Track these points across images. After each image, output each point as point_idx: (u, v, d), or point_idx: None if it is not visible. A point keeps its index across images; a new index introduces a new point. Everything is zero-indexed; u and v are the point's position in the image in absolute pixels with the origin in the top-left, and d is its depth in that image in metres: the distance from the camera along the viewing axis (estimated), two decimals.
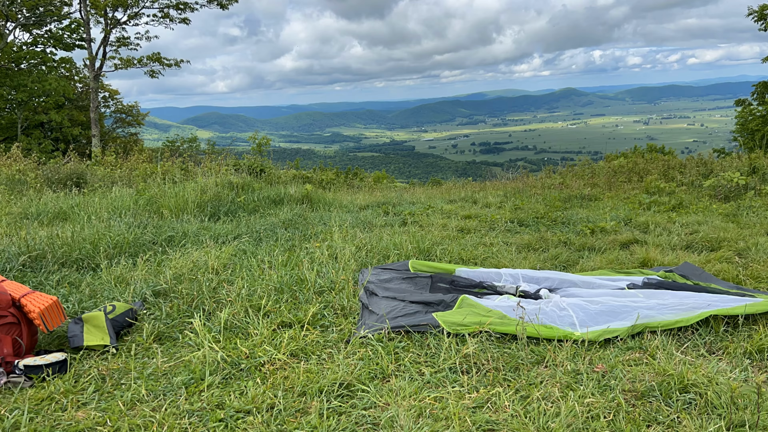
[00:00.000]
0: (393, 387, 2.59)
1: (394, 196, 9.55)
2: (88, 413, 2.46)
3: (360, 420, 2.35)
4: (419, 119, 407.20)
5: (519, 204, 7.94)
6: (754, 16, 20.07)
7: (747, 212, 6.82)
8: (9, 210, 6.92)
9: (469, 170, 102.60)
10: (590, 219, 6.80)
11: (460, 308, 3.47)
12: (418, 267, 4.47)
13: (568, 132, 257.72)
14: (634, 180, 10.34)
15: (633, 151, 16.21)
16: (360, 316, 3.47)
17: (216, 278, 4.22)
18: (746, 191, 8.04)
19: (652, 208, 7.43)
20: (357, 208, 8.17)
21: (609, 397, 2.44)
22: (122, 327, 3.36)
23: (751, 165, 9.25)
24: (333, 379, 2.60)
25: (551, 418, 2.29)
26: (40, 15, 22.52)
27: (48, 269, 4.51)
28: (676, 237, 5.63)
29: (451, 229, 6.39)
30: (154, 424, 2.34)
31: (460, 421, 2.28)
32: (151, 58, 24.08)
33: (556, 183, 10.31)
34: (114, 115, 30.57)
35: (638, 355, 2.86)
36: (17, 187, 8.96)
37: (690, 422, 2.20)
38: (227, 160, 10.80)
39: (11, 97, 23.80)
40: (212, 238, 5.69)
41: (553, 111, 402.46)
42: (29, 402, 2.54)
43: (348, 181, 14.61)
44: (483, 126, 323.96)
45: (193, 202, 7.24)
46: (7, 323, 2.91)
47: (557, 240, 5.75)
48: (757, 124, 20.83)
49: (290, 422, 2.34)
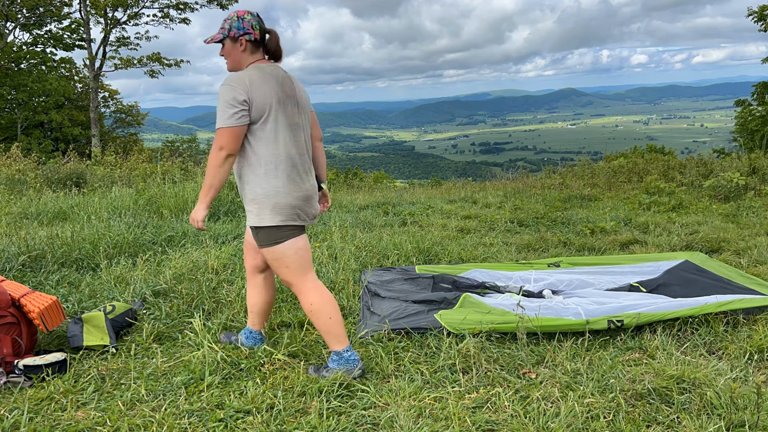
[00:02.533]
0: (393, 387, 2.59)
1: (394, 196, 9.55)
2: (88, 413, 2.46)
3: (360, 420, 2.35)
4: (419, 119, 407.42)
5: (519, 204, 7.94)
6: (754, 16, 20.08)
7: (747, 212, 6.82)
8: (9, 210, 6.92)
9: (468, 170, 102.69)
10: (590, 219, 6.80)
11: (462, 306, 3.48)
12: (425, 269, 4.47)
13: (568, 132, 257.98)
14: (634, 180, 10.34)
15: (633, 152, 16.23)
16: (361, 316, 3.47)
17: (216, 278, 4.22)
18: (746, 191, 8.05)
19: (651, 209, 7.43)
20: (357, 208, 8.17)
21: (609, 397, 2.44)
22: (122, 327, 3.36)
23: (751, 165, 9.26)
24: (333, 379, 2.60)
25: (551, 418, 2.29)
26: (40, 15, 22.53)
27: (48, 269, 4.51)
28: (676, 237, 5.63)
29: (451, 229, 6.39)
30: (153, 424, 2.34)
31: (460, 421, 2.28)
32: (151, 58, 24.06)
33: (556, 183, 10.31)
34: (114, 115, 30.59)
35: (638, 355, 2.86)
36: (17, 187, 8.96)
37: (690, 422, 2.20)
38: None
39: (11, 97, 23.82)
40: (212, 238, 5.69)
41: (553, 111, 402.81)
42: (29, 402, 2.54)
43: (348, 181, 14.62)
44: (483, 126, 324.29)
45: (193, 202, 7.24)
46: (6, 323, 2.91)
47: (557, 240, 5.75)
48: (756, 125, 20.83)
49: (290, 422, 2.34)
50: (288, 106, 2.58)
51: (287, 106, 2.58)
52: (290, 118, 2.59)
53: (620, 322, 3.07)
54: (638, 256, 4.84)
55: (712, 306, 3.22)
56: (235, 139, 2.49)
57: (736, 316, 3.22)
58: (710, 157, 11.51)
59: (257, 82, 2.50)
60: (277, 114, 2.54)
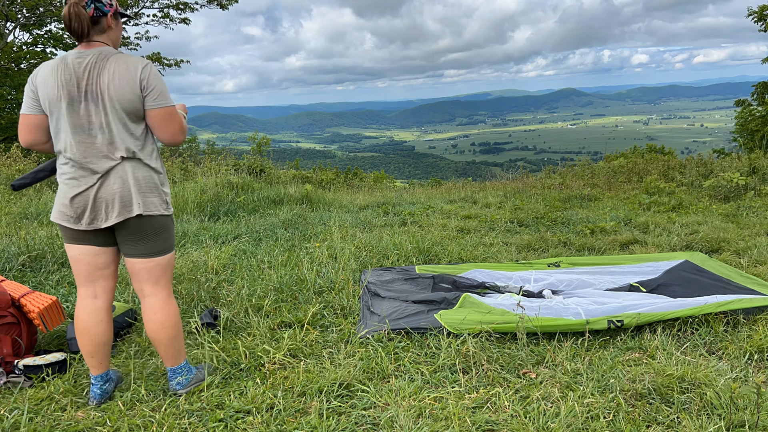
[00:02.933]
0: (393, 387, 2.59)
1: (394, 196, 9.54)
2: (88, 413, 2.46)
3: (360, 420, 2.35)
4: (419, 119, 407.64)
5: (519, 204, 7.94)
6: (754, 16, 20.08)
7: (747, 212, 6.82)
8: (9, 210, 6.92)
9: (468, 170, 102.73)
10: (590, 219, 6.80)
11: (462, 306, 3.48)
12: (425, 269, 4.47)
13: (568, 132, 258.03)
14: (634, 180, 10.34)
15: (633, 152, 16.22)
16: (360, 316, 3.47)
17: (216, 278, 4.22)
18: (746, 191, 8.05)
19: (651, 209, 7.43)
20: (357, 208, 8.17)
21: (609, 397, 2.44)
22: (122, 327, 3.36)
23: (751, 165, 9.26)
24: (333, 379, 2.60)
25: (551, 418, 2.29)
26: (40, 15, 22.52)
27: (48, 269, 4.51)
28: (676, 237, 5.63)
29: (451, 229, 6.38)
30: (153, 424, 2.34)
31: (460, 421, 2.28)
32: (151, 58, 24.07)
33: (556, 183, 10.30)
34: None
35: (638, 355, 2.86)
36: None
37: (690, 422, 2.20)
38: (227, 160, 10.80)
39: (11, 97, 23.81)
40: (212, 238, 5.69)
41: (553, 111, 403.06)
42: (29, 402, 2.54)
43: (348, 181, 14.62)
44: (483, 126, 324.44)
45: (192, 202, 7.25)
46: (6, 323, 2.91)
47: (557, 240, 5.75)
48: (756, 125, 20.83)
49: (290, 422, 2.34)
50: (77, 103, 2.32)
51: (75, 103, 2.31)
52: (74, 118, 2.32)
53: (620, 322, 3.08)
54: (638, 256, 4.84)
55: (712, 306, 3.22)
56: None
57: (736, 316, 3.22)
58: (710, 157, 11.50)
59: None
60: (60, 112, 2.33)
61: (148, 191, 2.42)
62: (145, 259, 2.49)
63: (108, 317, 2.57)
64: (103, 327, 2.54)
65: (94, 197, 2.34)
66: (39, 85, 2.33)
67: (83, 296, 2.53)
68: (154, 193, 2.45)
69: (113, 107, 2.32)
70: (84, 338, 2.51)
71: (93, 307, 2.52)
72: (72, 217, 2.37)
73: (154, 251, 2.49)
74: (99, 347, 2.54)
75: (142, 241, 2.46)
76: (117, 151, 2.35)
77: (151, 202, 2.42)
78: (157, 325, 2.52)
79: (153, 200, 2.43)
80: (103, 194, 2.35)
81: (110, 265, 2.55)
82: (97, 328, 2.52)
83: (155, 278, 2.52)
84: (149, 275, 2.51)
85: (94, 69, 2.31)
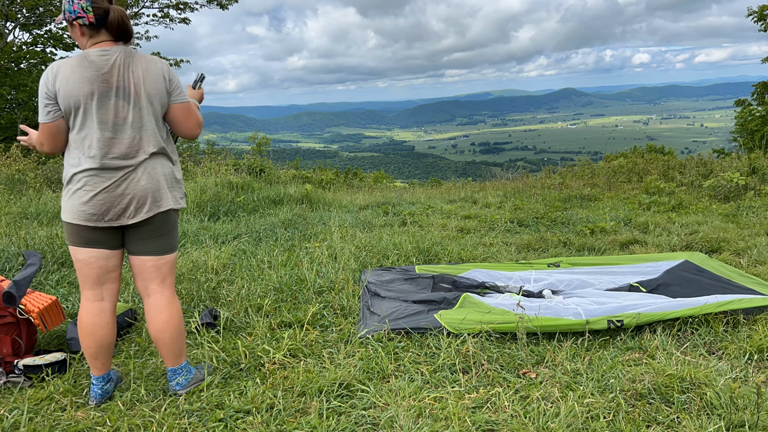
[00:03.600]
0: (392, 387, 2.59)
1: (394, 196, 9.54)
2: (88, 413, 2.46)
3: (360, 420, 2.35)
4: (419, 119, 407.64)
5: (519, 204, 7.94)
6: (754, 16, 20.09)
7: (747, 212, 6.82)
8: (8, 210, 6.92)
9: (468, 170, 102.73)
10: (590, 219, 6.80)
11: (462, 306, 3.48)
12: (425, 269, 4.47)
13: (567, 132, 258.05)
14: (634, 180, 10.34)
15: (632, 152, 16.22)
16: (360, 316, 3.47)
17: (215, 278, 4.22)
18: (746, 191, 8.04)
19: (651, 209, 7.43)
20: (356, 208, 8.17)
21: (609, 397, 2.44)
22: (122, 327, 3.36)
23: (751, 165, 9.25)
24: (333, 379, 2.60)
25: (551, 418, 2.29)
26: (40, 15, 22.51)
27: (48, 269, 4.51)
28: (676, 237, 5.63)
29: (451, 229, 6.38)
30: (153, 424, 2.34)
31: (460, 421, 2.28)
32: None
33: (556, 183, 10.30)
34: None
35: (638, 355, 2.86)
36: (17, 187, 8.96)
37: (690, 422, 2.20)
38: (227, 160, 10.80)
39: (11, 97, 23.79)
40: (212, 238, 5.69)
41: (553, 111, 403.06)
42: (29, 402, 2.54)
43: (347, 181, 14.62)
44: (483, 126, 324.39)
45: (192, 201, 7.25)
46: (6, 323, 2.91)
47: (557, 240, 5.75)
48: (756, 125, 20.84)
49: (290, 422, 2.34)
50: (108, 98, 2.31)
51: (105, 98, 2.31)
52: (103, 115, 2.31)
53: (620, 322, 3.08)
54: (638, 257, 4.84)
55: (712, 306, 3.22)
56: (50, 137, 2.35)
57: (736, 316, 3.22)
58: (710, 157, 11.50)
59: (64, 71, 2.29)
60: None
61: (173, 185, 2.50)
62: (156, 257, 2.50)
63: (113, 319, 2.57)
64: (109, 329, 2.54)
65: (121, 194, 2.35)
66: (60, 85, 2.28)
67: (90, 299, 2.52)
68: (175, 186, 2.51)
69: (149, 102, 2.36)
70: (89, 340, 2.51)
71: (99, 309, 2.52)
72: (95, 215, 2.35)
73: (166, 248, 2.52)
74: (103, 349, 2.54)
75: (157, 238, 2.48)
76: (148, 146, 2.39)
77: (176, 197, 2.50)
78: (161, 323, 2.53)
79: (176, 194, 2.51)
80: (131, 190, 2.36)
81: (118, 268, 2.56)
82: (102, 331, 2.52)
83: (163, 276, 2.54)
84: (158, 273, 2.52)
85: (123, 65, 2.33)
